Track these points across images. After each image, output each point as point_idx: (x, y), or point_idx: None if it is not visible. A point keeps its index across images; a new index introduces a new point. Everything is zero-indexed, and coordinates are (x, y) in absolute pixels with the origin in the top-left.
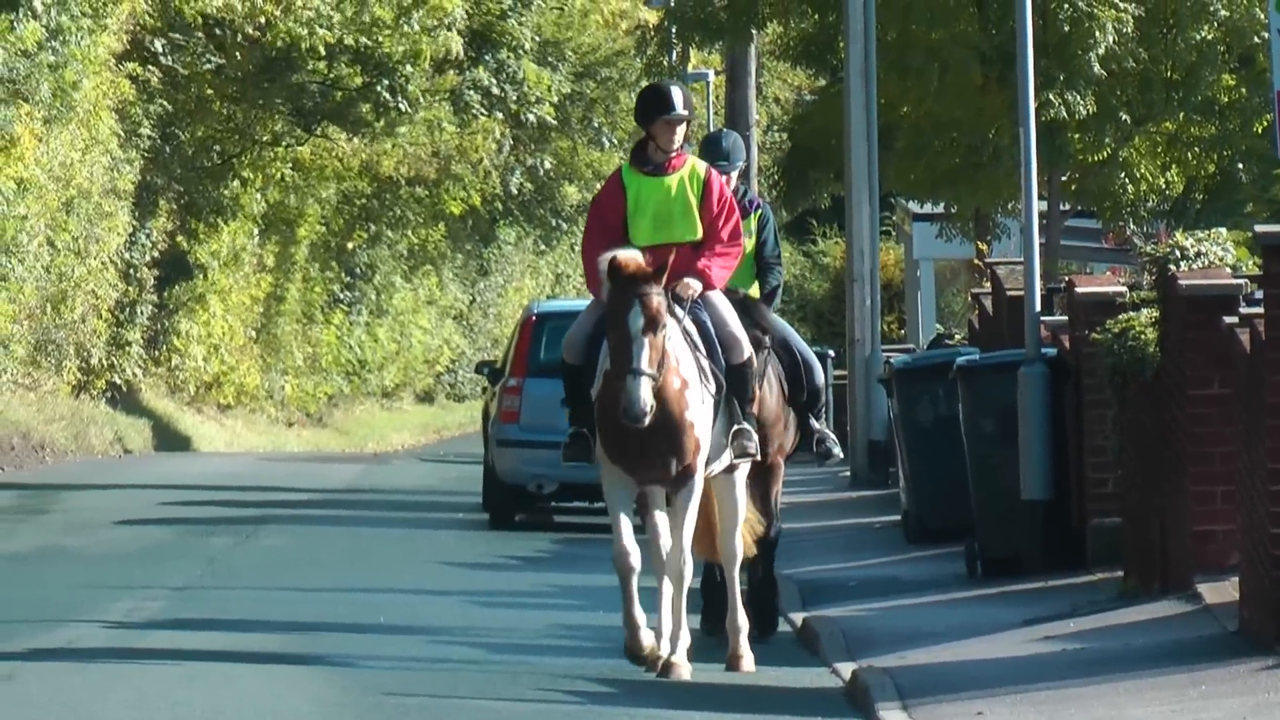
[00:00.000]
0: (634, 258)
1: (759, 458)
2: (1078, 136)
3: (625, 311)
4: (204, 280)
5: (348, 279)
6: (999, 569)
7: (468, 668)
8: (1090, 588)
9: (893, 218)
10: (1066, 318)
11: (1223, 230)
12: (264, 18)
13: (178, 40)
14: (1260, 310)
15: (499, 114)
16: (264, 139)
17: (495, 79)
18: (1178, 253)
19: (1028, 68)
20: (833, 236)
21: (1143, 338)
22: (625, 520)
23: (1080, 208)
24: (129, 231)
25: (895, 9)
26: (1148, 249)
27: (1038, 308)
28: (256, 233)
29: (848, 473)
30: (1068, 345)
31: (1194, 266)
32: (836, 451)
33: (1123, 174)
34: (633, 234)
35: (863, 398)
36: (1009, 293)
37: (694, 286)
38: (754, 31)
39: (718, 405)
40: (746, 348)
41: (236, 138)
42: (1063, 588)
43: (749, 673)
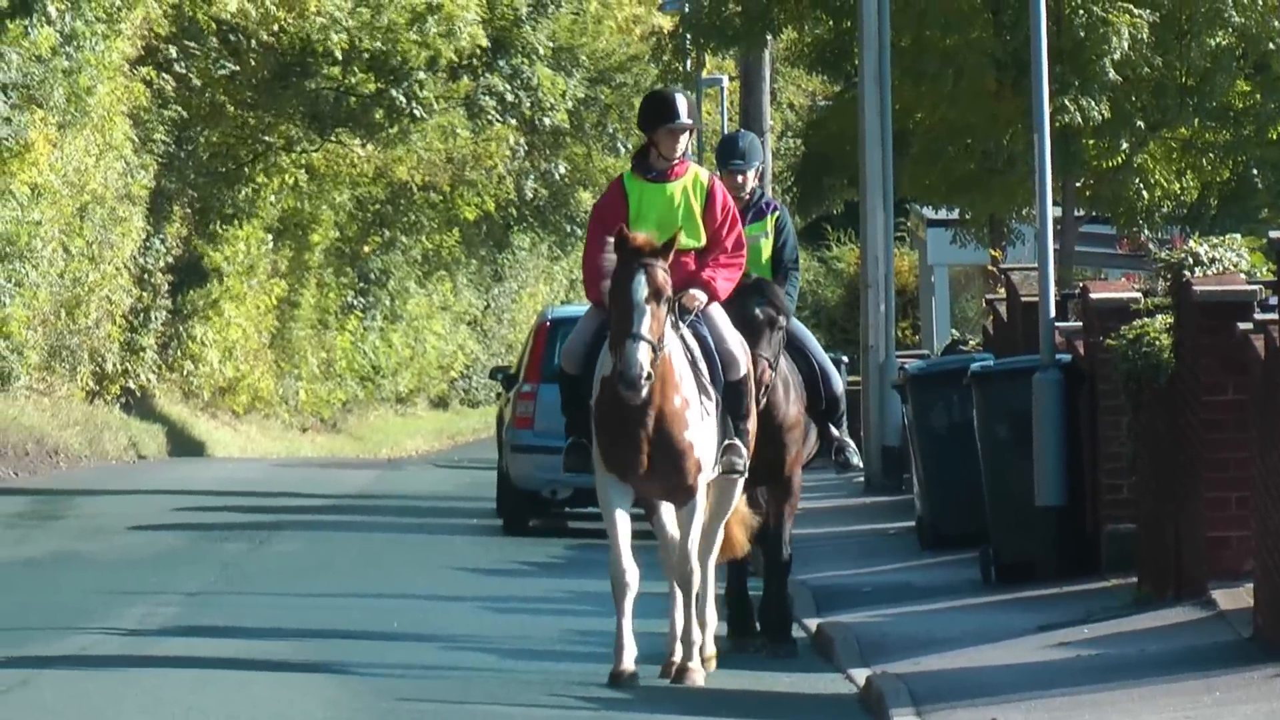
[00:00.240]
0: (642, 234)
1: (745, 474)
2: (1092, 142)
3: (629, 280)
4: (218, 285)
5: (362, 284)
6: (1013, 575)
7: (481, 673)
8: (1104, 594)
9: (907, 223)
10: (1081, 324)
11: (1237, 236)
12: (278, 24)
13: (192, 49)
14: (1274, 316)
15: (513, 121)
16: (278, 144)
17: (509, 85)
18: (1192, 259)
19: (1042, 73)
20: (847, 242)
21: (1157, 344)
22: (623, 537)
23: (1095, 213)
24: (143, 237)
25: (910, 15)
26: (1162, 255)
27: (1052, 314)
28: (271, 238)
29: (862, 478)
30: (1082, 351)
31: (1208, 272)
32: (856, 461)
33: (1137, 180)
34: None
35: (877, 404)
36: (1023, 299)
37: (700, 298)
38: (769, 37)
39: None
40: (744, 365)
41: (250, 143)
42: (1077, 594)
43: (697, 686)
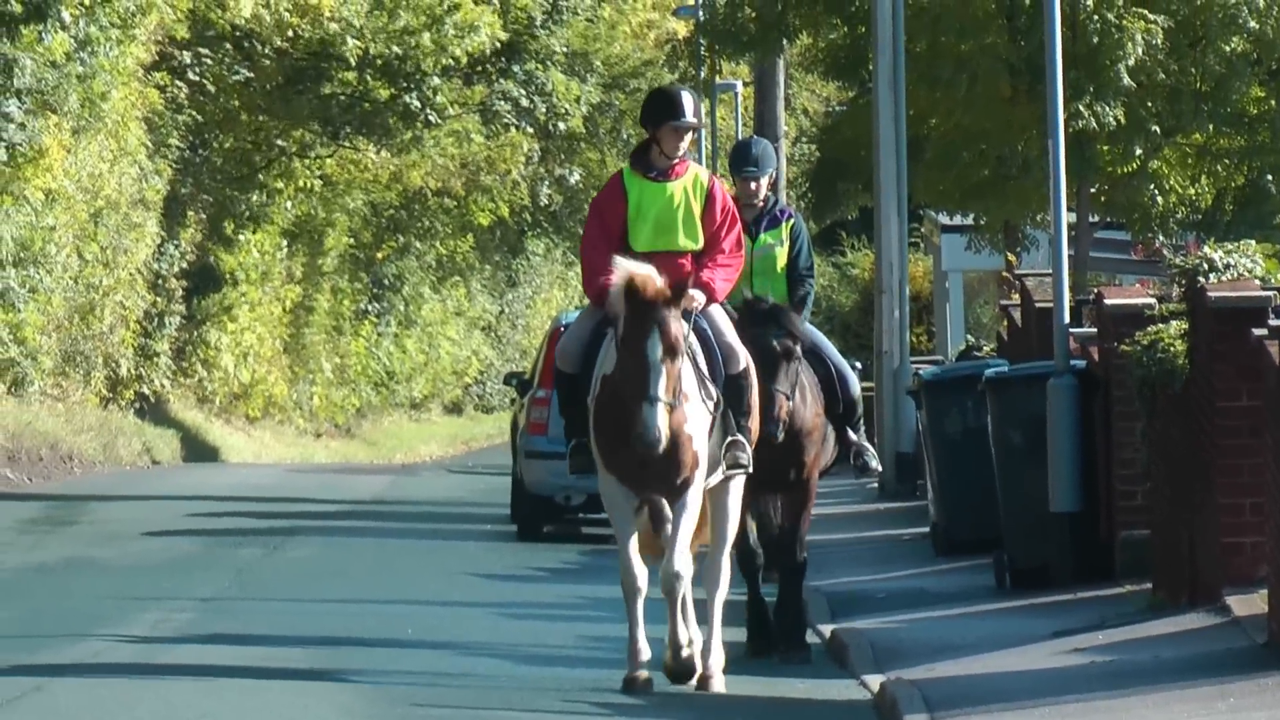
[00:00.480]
0: (651, 279)
1: (751, 470)
2: (1107, 148)
3: (644, 338)
4: (232, 291)
5: (376, 290)
6: (1027, 581)
7: (496, 679)
8: (1119, 600)
9: (921, 229)
10: (1095, 330)
11: (1251, 242)
12: (292, 29)
13: (205, 55)
14: None
15: (528, 127)
16: (292, 150)
17: (524, 90)
18: (1206, 265)
19: (1057, 79)
20: (861, 248)
21: (1172, 350)
22: (632, 539)
23: (1109, 219)
24: (157, 242)
25: (924, 20)
26: (1177, 261)
27: (1066, 319)
28: (285, 243)
29: (876, 484)
30: (1097, 357)
31: (1223, 278)
32: (874, 465)
33: (1152, 186)
34: (632, 239)
35: (891, 410)
36: (1038, 304)
37: (698, 299)
38: (784, 43)
39: (715, 418)
40: (743, 359)
41: (265, 148)
42: (1091, 600)
43: (719, 693)
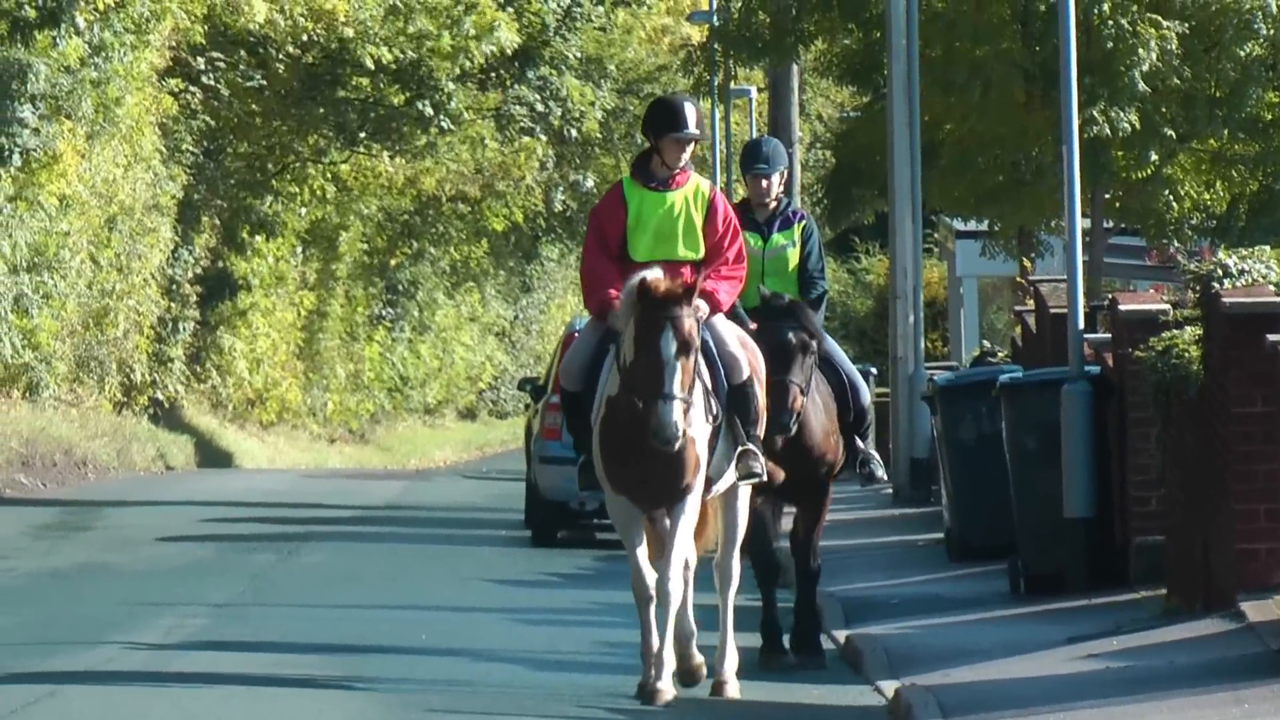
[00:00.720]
0: (664, 279)
1: (764, 478)
2: (1121, 154)
3: (658, 335)
4: (246, 296)
5: (390, 295)
6: (1042, 587)
7: (510, 686)
8: (1133, 606)
9: (936, 235)
10: (1110, 335)
11: (1266, 248)
12: (306, 34)
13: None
14: None
15: (542, 135)
16: (306, 155)
17: (539, 95)
18: (1221, 270)
19: (1071, 85)
20: (876, 254)
21: (1186, 356)
22: (641, 549)
23: (1124, 225)
24: (171, 248)
25: (939, 26)
26: (1191, 267)
27: (1081, 325)
28: (299, 249)
29: (890, 490)
30: (1111, 363)
31: (1237, 284)
32: (880, 474)
33: (1166, 191)
34: (632, 249)
35: (905, 415)
36: (1052, 310)
37: (702, 309)
38: (799, 49)
39: (719, 426)
40: (746, 368)
41: (279, 154)
42: (1106, 606)
43: (733, 699)
